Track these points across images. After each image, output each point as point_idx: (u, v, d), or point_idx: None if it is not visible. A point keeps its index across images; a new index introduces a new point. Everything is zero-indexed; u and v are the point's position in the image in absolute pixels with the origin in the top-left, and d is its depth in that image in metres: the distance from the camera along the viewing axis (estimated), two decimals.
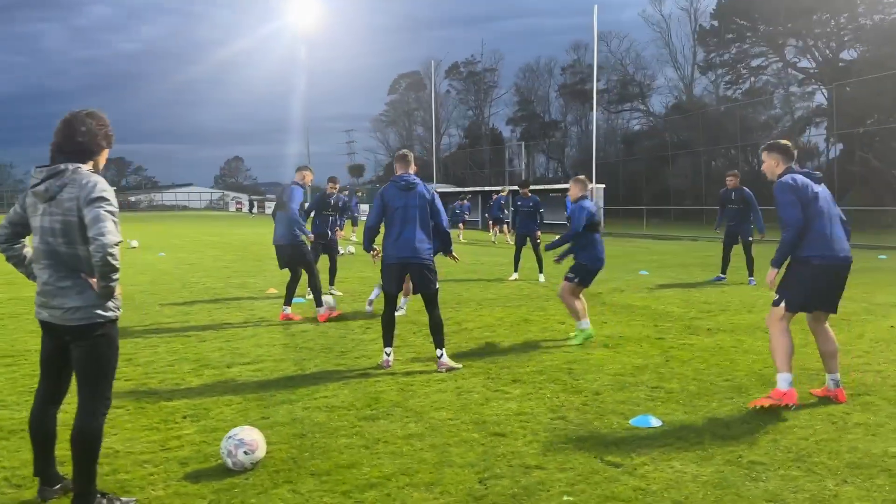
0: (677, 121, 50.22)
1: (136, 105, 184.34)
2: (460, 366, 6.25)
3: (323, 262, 10.78)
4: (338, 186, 11.42)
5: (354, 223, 25.99)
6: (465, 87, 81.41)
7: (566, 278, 7.55)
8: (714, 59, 53.73)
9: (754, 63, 50.71)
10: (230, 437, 3.90)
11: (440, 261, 6.66)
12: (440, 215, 6.47)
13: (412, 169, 6.47)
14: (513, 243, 15.03)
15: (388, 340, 6.36)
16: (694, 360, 6.57)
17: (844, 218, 5.33)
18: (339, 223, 11.67)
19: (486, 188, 39.58)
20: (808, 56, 46.57)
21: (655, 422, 4.76)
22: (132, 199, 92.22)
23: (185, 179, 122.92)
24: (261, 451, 3.93)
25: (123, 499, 3.47)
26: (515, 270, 13.24)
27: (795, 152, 5.30)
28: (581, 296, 7.61)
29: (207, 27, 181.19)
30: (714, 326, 8.30)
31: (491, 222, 25.51)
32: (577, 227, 7.45)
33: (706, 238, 24.94)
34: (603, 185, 32.87)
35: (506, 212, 25.42)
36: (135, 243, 21.89)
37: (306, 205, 10.69)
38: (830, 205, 5.16)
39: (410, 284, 6.95)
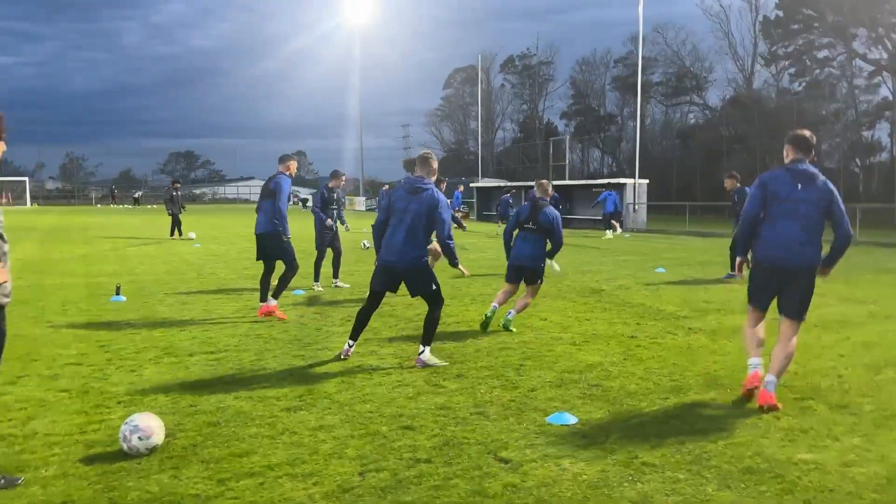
0: (733, 114, 48.88)
1: (207, 100, 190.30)
2: (444, 363, 6.17)
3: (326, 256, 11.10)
4: (342, 181, 11.57)
5: None
6: (520, 80, 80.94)
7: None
8: (778, 51, 52.17)
9: (820, 55, 48.96)
10: (127, 423, 4.05)
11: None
12: (442, 225, 6.10)
13: (431, 173, 6.25)
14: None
15: (355, 333, 6.39)
16: (652, 360, 6.47)
17: (842, 222, 5.05)
18: (340, 219, 11.72)
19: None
20: (880, 46, 44.71)
21: (571, 419, 4.72)
22: (196, 192, 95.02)
23: (252, 173, 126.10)
24: (157, 438, 4.06)
25: (9, 476, 3.64)
26: None
27: (811, 144, 5.20)
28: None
29: (275, 23, 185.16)
30: (698, 326, 8.12)
31: (500, 220, 26.09)
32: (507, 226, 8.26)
33: None
34: (646, 181, 32.21)
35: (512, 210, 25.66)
36: (192, 235, 22.45)
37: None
38: (804, 205, 5.01)
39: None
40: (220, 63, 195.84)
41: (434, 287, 6.20)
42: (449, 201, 6.97)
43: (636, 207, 30.58)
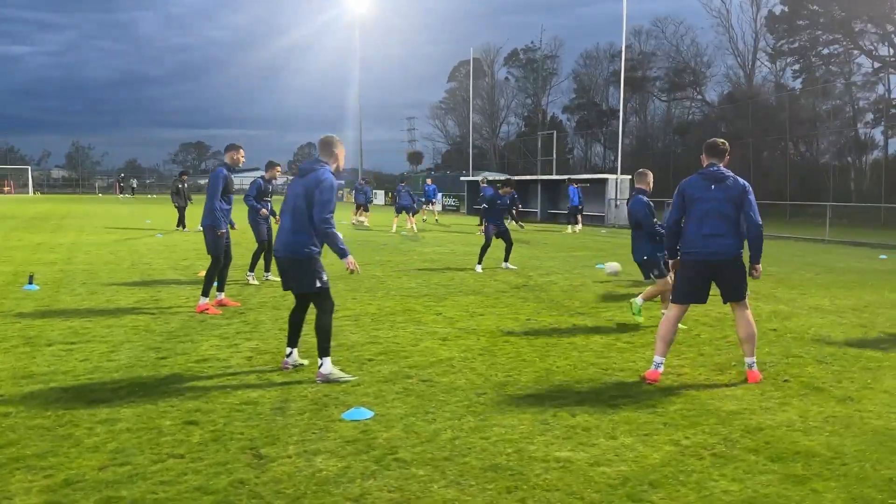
0: (729, 110, 48.40)
1: (221, 91, 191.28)
2: (351, 377, 5.54)
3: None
4: (278, 171, 11.49)
5: (366, 209, 27.29)
6: (524, 74, 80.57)
7: None
8: (783, 47, 51.58)
9: (826, 51, 48.30)
10: None
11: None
12: (316, 206, 5.37)
13: (331, 155, 5.66)
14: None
15: (291, 340, 5.82)
16: (507, 355, 6.41)
17: (753, 216, 5.52)
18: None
19: (539, 177, 38.90)
20: (886, 43, 44.03)
21: (367, 415, 4.69)
22: (202, 182, 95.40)
23: (260, 164, 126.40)
24: None
25: None
26: (480, 262, 13.12)
27: (726, 149, 5.75)
28: None
29: (288, 14, 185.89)
30: (587, 323, 8.05)
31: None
32: None
33: None
34: (629, 177, 31.93)
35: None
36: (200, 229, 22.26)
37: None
38: (720, 203, 5.49)
39: None
40: (234, 54, 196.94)
41: (319, 285, 5.46)
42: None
43: (618, 203, 30.36)
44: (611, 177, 31.39)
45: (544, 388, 5.42)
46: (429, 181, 32.37)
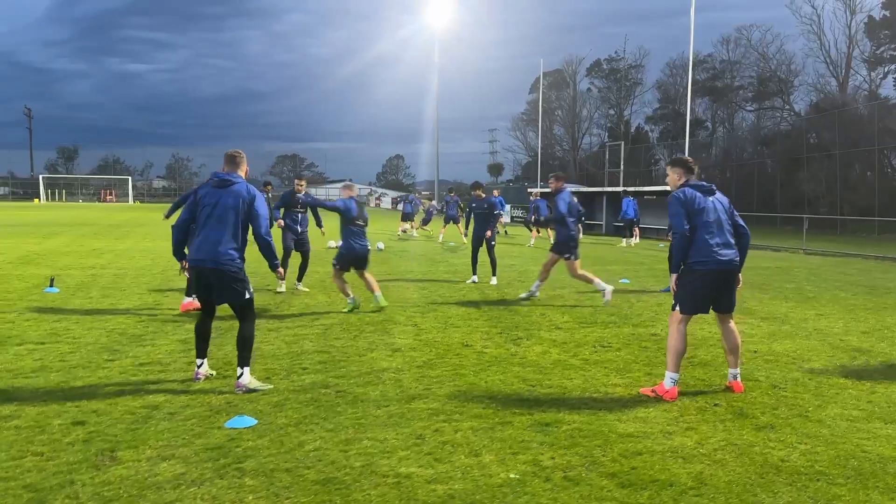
0: (816, 120, 46.08)
1: (318, 105, 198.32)
2: (268, 386, 5.59)
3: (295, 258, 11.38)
4: (304, 185, 11.79)
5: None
6: (607, 84, 79.40)
7: (333, 264, 9.29)
8: (884, 53, 48.88)
9: None
10: None
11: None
12: (257, 220, 5.57)
13: (239, 170, 5.77)
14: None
15: (199, 352, 5.77)
16: (434, 367, 6.35)
17: (744, 225, 5.79)
18: (317, 222, 11.91)
19: (605, 189, 38.19)
20: None
21: (249, 422, 4.75)
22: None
23: (355, 176, 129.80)
24: None
25: None
26: (474, 273, 13.02)
27: (696, 166, 5.93)
28: (366, 275, 9.46)
29: (379, 30, 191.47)
30: (533, 340, 7.86)
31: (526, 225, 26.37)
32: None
33: (817, 252, 22.92)
34: None
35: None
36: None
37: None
38: (720, 214, 5.66)
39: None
40: (330, 69, 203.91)
41: (248, 296, 5.58)
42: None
43: None
44: None
45: (454, 402, 5.34)
46: (495, 192, 32.11)
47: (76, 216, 37.58)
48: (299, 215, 11.38)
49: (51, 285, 10.71)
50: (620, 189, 31.02)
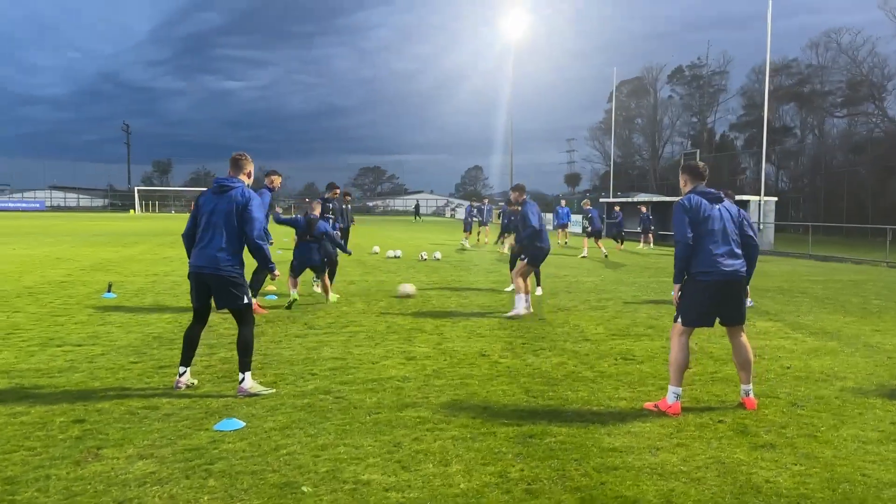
0: None
1: (401, 118, 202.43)
2: (270, 391, 5.67)
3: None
4: (338, 192, 12.13)
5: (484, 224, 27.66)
6: (689, 91, 77.43)
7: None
8: None
9: None
10: None
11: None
12: (250, 224, 5.59)
13: (242, 173, 5.84)
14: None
15: (184, 358, 5.80)
16: (460, 379, 6.33)
17: (753, 236, 5.60)
18: (341, 225, 12.25)
19: (670, 198, 37.27)
20: None
21: (236, 425, 4.87)
22: (370, 204, 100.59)
23: (436, 187, 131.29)
24: None
25: None
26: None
27: (706, 172, 5.66)
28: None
29: (465, 43, 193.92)
30: (580, 350, 7.72)
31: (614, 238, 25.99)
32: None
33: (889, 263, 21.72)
34: (774, 199, 29.78)
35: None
36: (376, 249, 21.94)
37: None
38: (726, 223, 5.45)
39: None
40: (415, 83, 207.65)
41: (245, 301, 5.67)
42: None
43: (761, 227, 28.31)
44: (753, 198, 29.35)
45: (445, 412, 5.32)
46: (562, 203, 31.99)
47: (162, 226, 39.37)
48: (329, 220, 11.69)
49: (108, 290, 11.25)
50: (675, 200, 30.04)
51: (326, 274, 10.78)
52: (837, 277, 16.95)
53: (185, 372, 5.82)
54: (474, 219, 28.06)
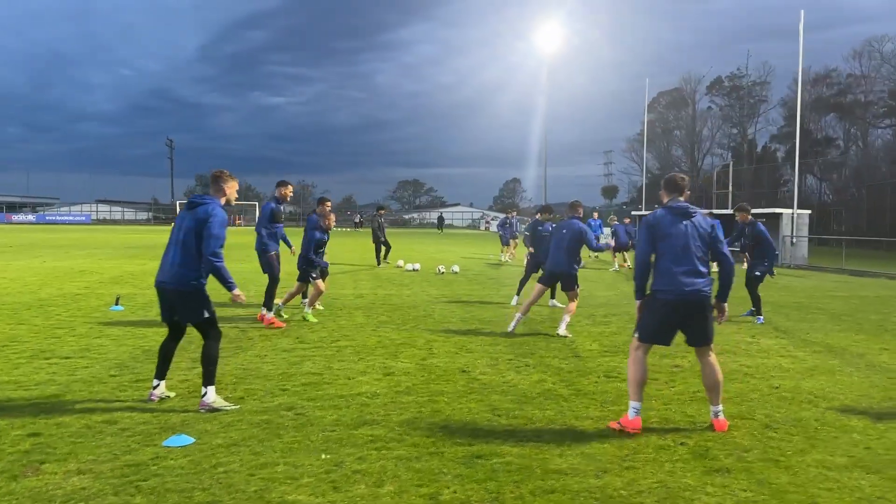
0: None
1: (441, 131, 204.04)
2: (233, 407, 5.65)
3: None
4: (329, 206, 12.14)
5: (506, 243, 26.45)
6: (729, 103, 76.22)
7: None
8: None
9: None
10: None
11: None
12: (206, 241, 5.58)
13: (217, 190, 5.91)
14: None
15: (159, 371, 5.89)
16: (430, 396, 6.27)
17: (725, 253, 5.41)
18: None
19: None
20: None
21: (185, 441, 4.87)
22: (406, 217, 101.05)
23: (475, 199, 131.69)
24: None
25: None
26: (518, 294, 12.81)
27: (684, 184, 5.53)
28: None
29: (506, 57, 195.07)
30: (566, 367, 7.58)
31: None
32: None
33: None
34: (808, 212, 29.02)
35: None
36: (407, 265, 20.94)
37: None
38: (691, 240, 5.26)
39: None
40: (456, 96, 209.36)
41: (207, 315, 5.66)
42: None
43: (794, 241, 27.62)
44: (785, 211, 28.63)
45: (400, 430, 5.25)
46: (595, 215, 31.57)
47: None
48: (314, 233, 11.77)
49: (116, 303, 11.44)
50: (706, 211, 29.43)
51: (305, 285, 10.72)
52: (863, 293, 16.42)
53: (158, 385, 5.88)
54: (507, 232, 26.01)
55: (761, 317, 11.18)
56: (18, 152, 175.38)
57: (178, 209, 77.63)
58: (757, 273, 11.27)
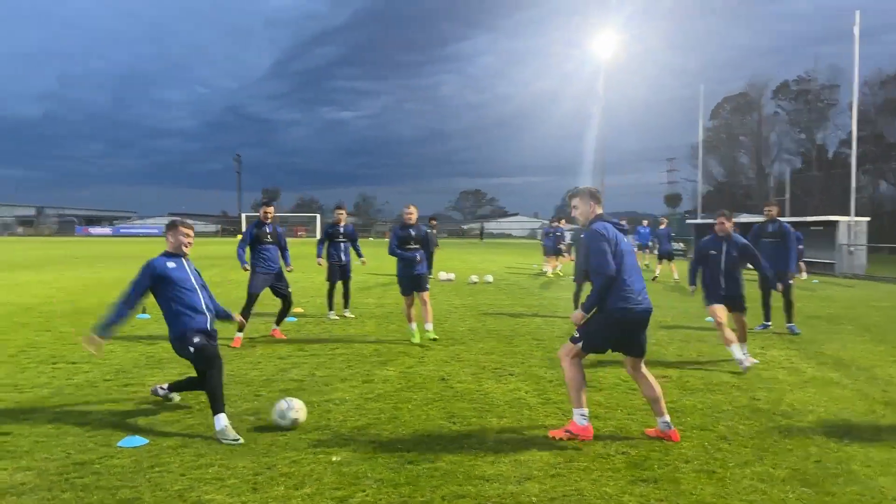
0: None
1: (507, 141, 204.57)
2: (238, 439, 5.21)
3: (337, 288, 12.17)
4: (344, 215, 12.44)
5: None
6: (797, 107, 73.83)
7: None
8: None
9: None
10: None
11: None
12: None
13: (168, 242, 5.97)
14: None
15: (175, 384, 6.19)
16: (397, 402, 6.39)
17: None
18: (356, 251, 12.49)
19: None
20: None
21: (138, 442, 5.13)
22: (464, 227, 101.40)
23: (540, 209, 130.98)
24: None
25: None
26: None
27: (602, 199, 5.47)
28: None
29: (567, 66, 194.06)
30: (546, 376, 7.58)
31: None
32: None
33: None
34: (866, 219, 27.86)
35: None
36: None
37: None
38: (632, 256, 5.29)
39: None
40: (518, 106, 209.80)
41: (191, 349, 5.60)
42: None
43: (851, 250, 26.56)
44: (842, 219, 27.55)
45: (346, 435, 5.38)
46: (644, 222, 30.76)
47: None
48: (342, 245, 11.94)
49: (143, 311, 11.96)
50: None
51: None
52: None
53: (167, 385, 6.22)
54: (552, 242, 24.03)
55: (794, 325, 10.83)
56: (100, 168, 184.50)
57: (244, 222, 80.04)
58: (790, 280, 10.83)
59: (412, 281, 9.70)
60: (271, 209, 10.18)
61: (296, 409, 5.52)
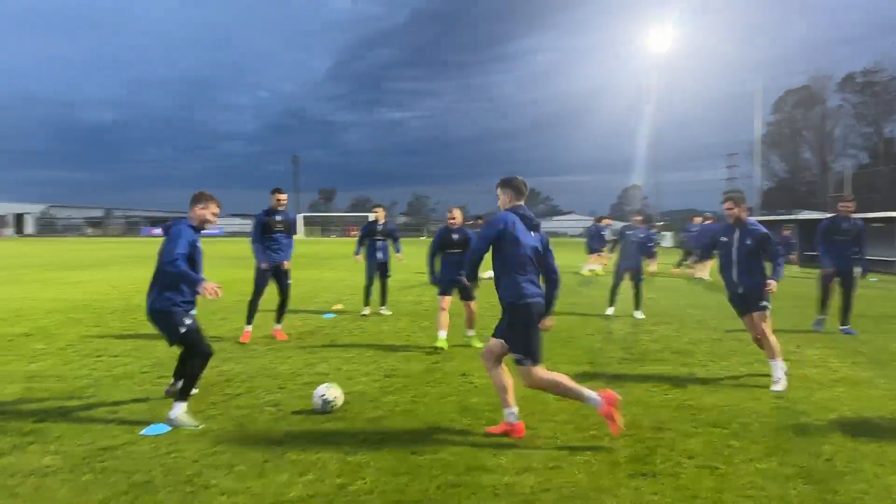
0: None
1: (563, 139, 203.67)
2: (196, 425, 5.47)
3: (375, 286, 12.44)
4: (382, 213, 12.64)
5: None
6: (863, 100, 71.28)
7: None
8: None
9: None
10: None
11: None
12: (160, 256, 5.61)
13: (192, 211, 5.98)
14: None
15: (177, 372, 6.15)
16: (409, 392, 6.54)
17: (555, 268, 5.40)
18: (396, 248, 12.70)
19: (875, 214, 34.37)
20: None
21: (163, 429, 5.39)
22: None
23: (597, 208, 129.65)
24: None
25: None
26: (611, 304, 12.71)
27: (526, 190, 5.40)
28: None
29: (623, 62, 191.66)
30: (569, 372, 7.61)
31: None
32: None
33: None
34: None
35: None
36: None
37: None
38: (535, 251, 5.27)
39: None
40: (575, 103, 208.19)
41: (182, 331, 5.61)
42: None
43: None
44: (890, 214, 26.48)
45: (361, 427, 5.53)
46: (709, 219, 29.42)
47: (307, 250, 41.90)
48: (379, 242, 12.13)
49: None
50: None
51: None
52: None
53: (175, 383, 6.36)
54: (596, 242, 23.83)
55: (849, 326, 10.60)
56: (167, 171, 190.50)
57: (300, 221, 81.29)
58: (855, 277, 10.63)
59: (454, 286, 9.43)
60: (284, 196, 9.70)
61: (334, 394, 5.91)
